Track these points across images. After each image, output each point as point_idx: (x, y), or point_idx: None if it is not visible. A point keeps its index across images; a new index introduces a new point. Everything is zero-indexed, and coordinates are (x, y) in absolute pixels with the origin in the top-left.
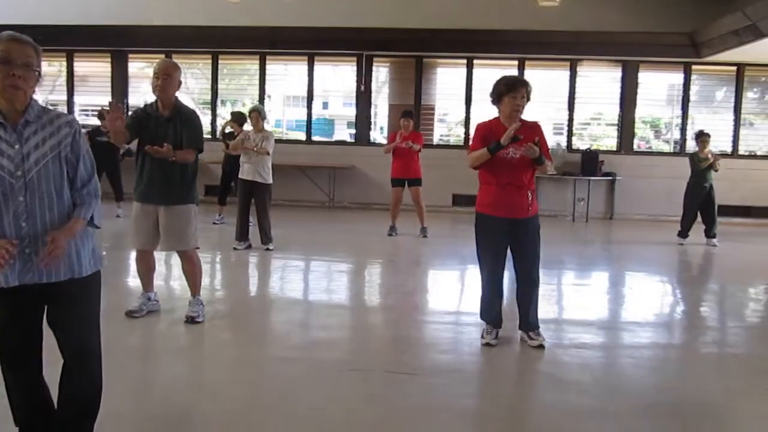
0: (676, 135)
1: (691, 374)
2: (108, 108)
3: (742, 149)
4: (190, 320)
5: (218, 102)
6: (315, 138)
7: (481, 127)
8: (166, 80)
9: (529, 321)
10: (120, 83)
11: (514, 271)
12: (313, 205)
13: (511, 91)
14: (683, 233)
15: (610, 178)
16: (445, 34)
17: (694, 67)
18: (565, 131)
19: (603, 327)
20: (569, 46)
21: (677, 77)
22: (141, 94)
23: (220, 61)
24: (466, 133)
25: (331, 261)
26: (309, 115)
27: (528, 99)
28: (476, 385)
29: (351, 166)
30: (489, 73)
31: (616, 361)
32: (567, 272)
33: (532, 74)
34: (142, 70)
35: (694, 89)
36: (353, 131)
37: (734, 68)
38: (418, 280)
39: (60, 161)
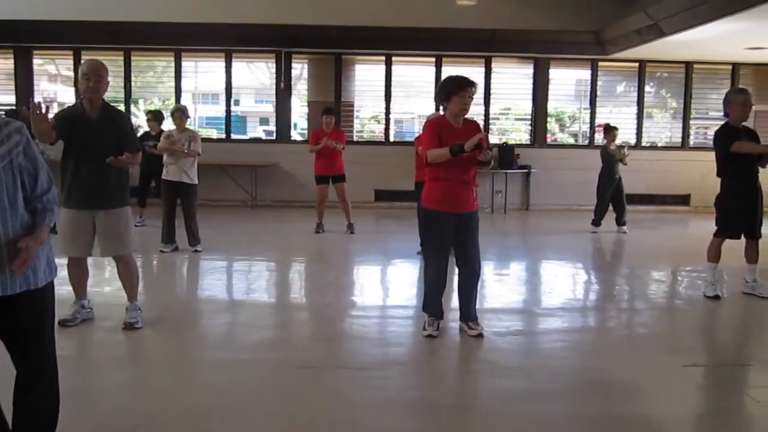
0: (585, 128)
1: (613, 355)
2: (32, 107)
3: (645, 141)
4: (129, 327)
5: (131, 100)
6: (233, 136)
7: (432, 124)
8: (99, 81)
9: (469, 312)
10: (24, 81)
11: (457, 264)
12: (235, 204)
13: (460, 91)
14: (596, 222)
15: (526, 170)
16: (363, 31)
17: (600, 63)
18: (481, 126)
19: (533, 314)
20: (484, 44)
21: (585, 73)
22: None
23: (132, 58)
24: (386, 130)
25: (262, 261)
26: (228, 112)
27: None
28: (424, 376)
29: (273, 164)
30: (407, 70)
31: (549, 345)
32: (493, 263)
33: (448, 71)
34: (41, 67)
35: (600, 84)
36: (267, 128)
37: (636, 65)
38: (352, 277)
39: (12, 170)
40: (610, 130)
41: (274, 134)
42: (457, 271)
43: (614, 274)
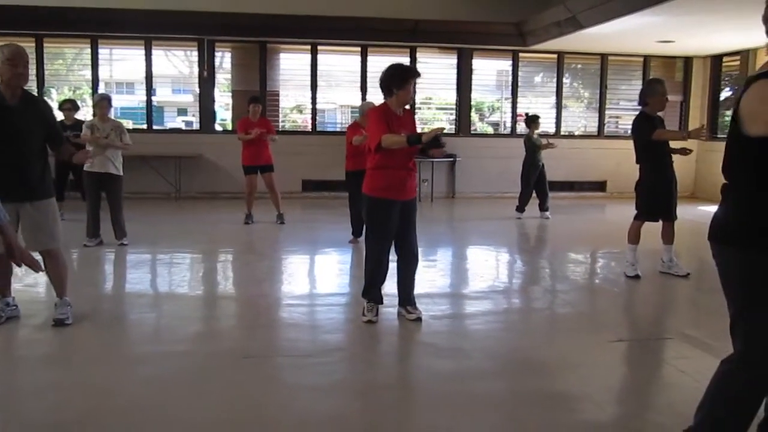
0: (507, 118)
1: (544, 333)
2: None
3: (563, 130)
4: (59, 323)
5: (44, 89)
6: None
7: (378, 111)
8: (27, 67)
9: (409, 297)
10: None
11: (396, 251)
12: (158, 196)
13: (405, 81)
14: (521, 208)
15: (451, 159)
16: (288, 19)
17: (521, 54)
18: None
19: (467, 297)
20: (409, 34)
21: (506, 64)
22: None
23: (45, 45)
24: (313, 119)
25: (193, 253)
26: (149, 102)
27: None
28: (367, 360)
29: (197, 154)
30: (333, 59)
31: (484, 327)
32: (423, 249)
33: (374, 60)
34: None
35: (520, 75)
36: (186, 119)
37: (555, 56)
38: (285, 266)
39: None
40: (533, 120)
41: (197, 124)
42: (396, 257)
43: (540, 257)
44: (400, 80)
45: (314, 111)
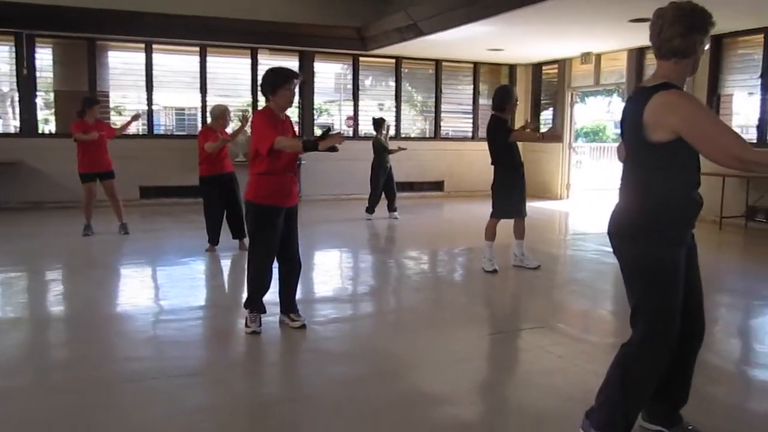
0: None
1: (425, 331)
2: None
3: (402, 132)
4: None
5: None
6: None
7: (265, 115)
8: None
9: (293, 304)
10: None
11: (278, 258)
12: None
13: (286, 83)
14: (370, 209)
15: (297, 162)
16: (119, 15)
17: (361, 59)
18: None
19: (343, 300)
20: (251, 35)
21: (346, 68)
22: None
23: None
24: (149, 123)
25: (29, 271)
26: None
27: None
28: (258, 374)
29: (17, 161)
30: (169, 58)
31: (367, 330)
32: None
33: (213, 61)
34: None
35: (360, 79)
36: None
37: (393, 61)
38: (143, 280)
39: None
40: (380, 123)
41: (14, 128)
42: (278, 264)
43: (402, 256)
44: (278, 83)
45: (150, 113)
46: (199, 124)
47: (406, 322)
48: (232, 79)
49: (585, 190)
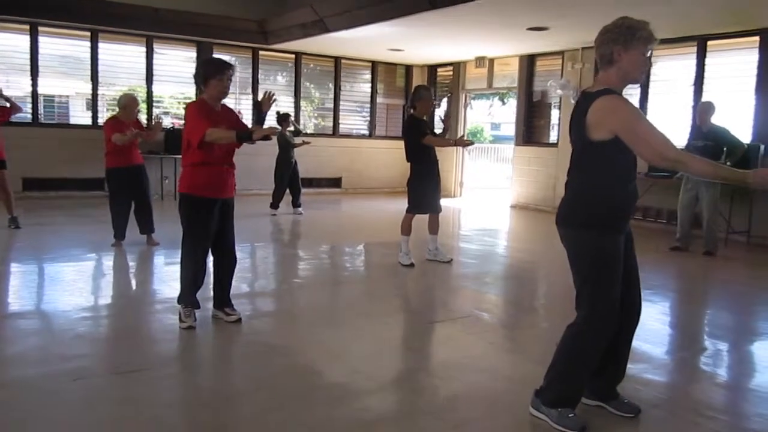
0: (248, 115)
1: (360, 322)
2: None
3: (301, 128)
4: None
5: None
6: None
7: (197, 106)
8: None
9: (226, 297)
10: None
11: (213, 251)
12: None
13: (219, 74)
14: (275, 205)
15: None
16: None
17: (261, 52)
18: (144, 108)
19: (269, 294)
20: (146, 22)
21: (246, 61)
22: None
23: None
24: (35, 109)
25: None
26: None
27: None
28: (200, 369)
29: None
30: (58, 43)
31: (303, 321)
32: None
33: (105, 47)
34: None
35: (260, 73)
36: None
37: (293, 56)
38: (51, 276)
39: None
40: (284, 117)
41: None
42: (212, 257)
43: (317, 251)
44: (210, 74)
45: (35, 99)
46: (89, 114)
47: (335, 313)
48: (126, 67)
49: (471, 189)
